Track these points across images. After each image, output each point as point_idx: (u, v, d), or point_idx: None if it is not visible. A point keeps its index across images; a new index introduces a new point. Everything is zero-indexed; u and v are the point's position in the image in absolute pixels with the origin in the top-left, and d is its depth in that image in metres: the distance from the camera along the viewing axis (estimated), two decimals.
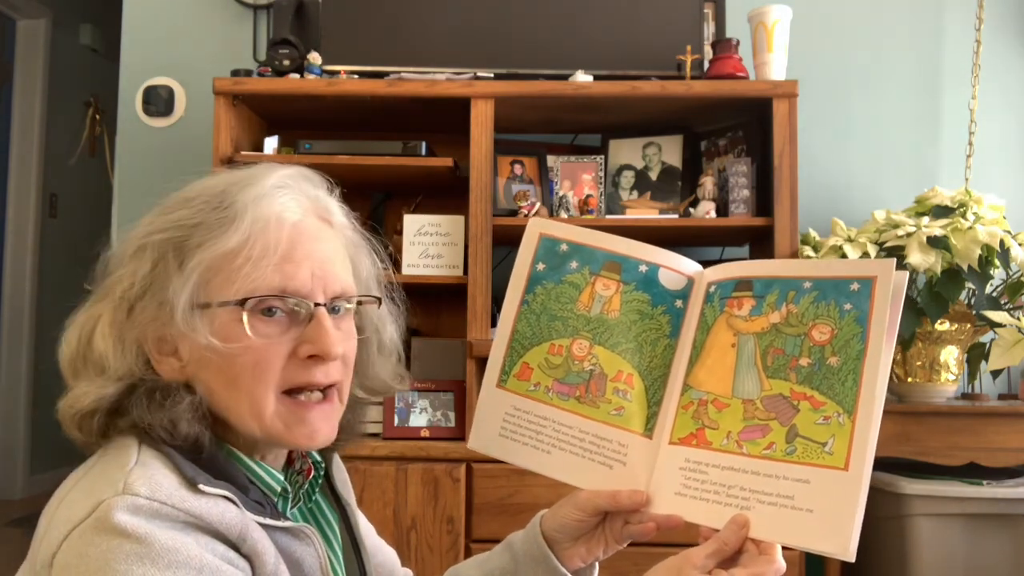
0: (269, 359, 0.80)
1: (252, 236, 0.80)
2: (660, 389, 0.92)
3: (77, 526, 0.71)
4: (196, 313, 0.79)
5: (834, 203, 2.59)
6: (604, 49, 2.37)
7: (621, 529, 0.94)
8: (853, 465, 0.79)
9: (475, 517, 2.10)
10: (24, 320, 4.41)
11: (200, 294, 0.79)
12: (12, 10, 4.35)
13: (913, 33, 2.68)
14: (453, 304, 2.36)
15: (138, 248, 0.82)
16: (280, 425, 0.81)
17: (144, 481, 0.72)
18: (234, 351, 0.79)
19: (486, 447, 0.97)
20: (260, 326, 0.79)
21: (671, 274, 0.95)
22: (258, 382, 0.80)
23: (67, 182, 4.72)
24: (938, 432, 2.09)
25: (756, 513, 0.81)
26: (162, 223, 0.83)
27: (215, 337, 0.78)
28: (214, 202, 0.82)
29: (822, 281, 0.86)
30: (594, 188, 2.37)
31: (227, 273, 0.79)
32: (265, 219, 0.81)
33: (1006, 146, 2.66)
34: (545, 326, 0.97)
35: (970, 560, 2.07)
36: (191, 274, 0.79)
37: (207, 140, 2.32)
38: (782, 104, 2.20)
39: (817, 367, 0.84)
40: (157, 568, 0.69)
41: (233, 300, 0.79)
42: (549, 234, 1.01)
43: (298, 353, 0.81)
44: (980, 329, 2.17)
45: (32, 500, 4.27)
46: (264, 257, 0.80)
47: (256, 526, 0.77)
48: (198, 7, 2.73)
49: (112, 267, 0.84)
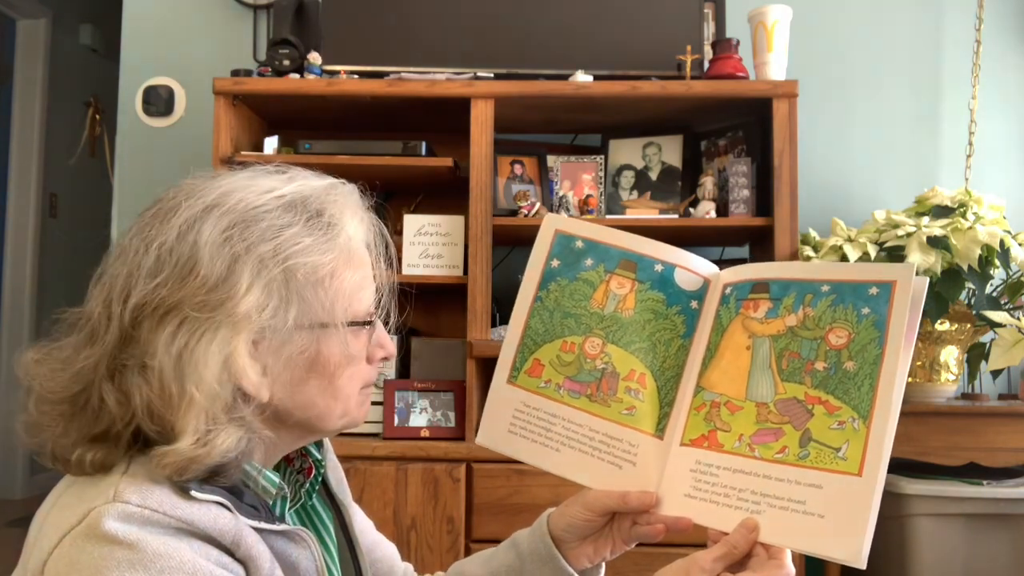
0: (362, 367, 0.86)
1: (359, 257, 0.85)
2: (673, 390, 0.92)
3: (67, 533, 0.70)
4: (334, 332, 0.82)
5: (834, 203, 2.59)
6: (604, 49, 2.37)
7: (629, 530, 0.93)
8: (867, 471, 0.78)
9: (475, 517, 2.10)
10: (24, 320, 4.41)
11: (346, 314, 0.83)
12: (12, 10, 4.35)
13: (913, 33, 2.68)
14: (453, 304, 2.36)
15: (254, 268, 0.76)
16: (356, 412, 0.87)
17: (135, 488, 0.72)
18: (344, 363, 0.83)
19: (495, 443, 0.97)
20: (365, 338, 0.86)
21: (687, 274, 0.94)
22: (354, 389, 0.86)
23: (67, 182, 4.72)
24: (938, 432, 2.09)
25: (766, 517, 0.81)
26: (263, 239, 0.78)
27: (356, 351, 0.84)
28: (318, 222, 0.82)
29: (840, 284, 0.85)
30: (594, 188, 2.37)
31: (350, 292, 0.83)
32: (358, 240, 0.86)
33: (1006, 146, 2.66)
34: (558, 323, 0.96)
35: (970, 560, 2.07)
36: (336, 298, 0.81)
37: (207, 140, 2.32)
38: (782, 104, 2.20)
39: (833, 371, 0.83)
40: (149, 574, 0.68)
41: (362, 320, 0.84)
42: (565, 230, 0.99)
43: (373, 356, 0.88)
44: (980, 329, 2.16)
45: (32, 500, 4.26)
46: (366, 276, 0.86)
47: (250, 531, 0.76)
48: (198, 7, 2.73)
49: (212, 285, 0.75)
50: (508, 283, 2.42)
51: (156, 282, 0.75)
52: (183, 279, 0.75)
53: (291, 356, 0.79)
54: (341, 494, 0.99)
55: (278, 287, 0.77)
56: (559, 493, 0.97)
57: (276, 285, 0.77)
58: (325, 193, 0.85)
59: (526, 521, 1.00)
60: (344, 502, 0.98)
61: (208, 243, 0.76)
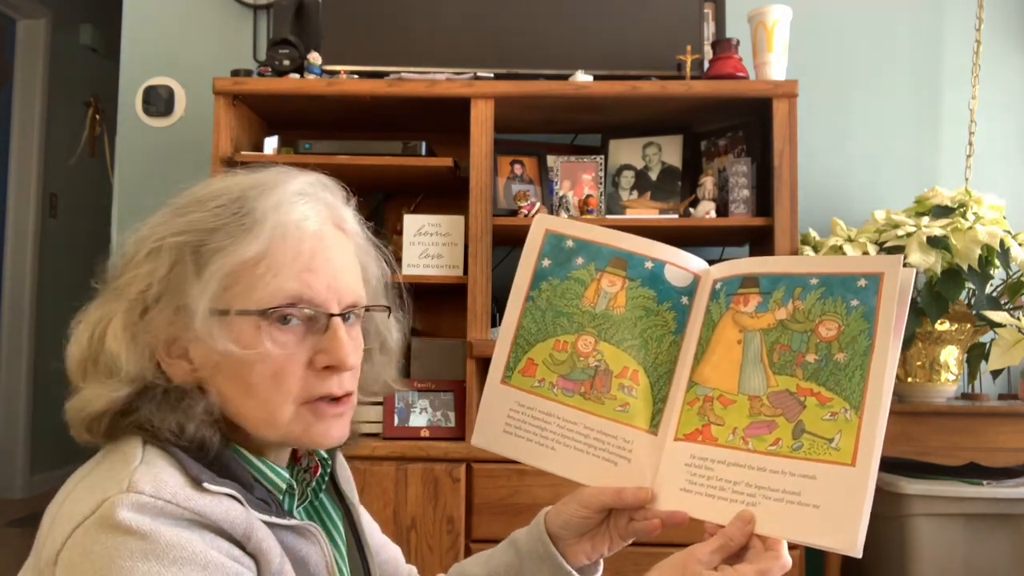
0: (287, 370, 0.80)
1: (272, 244, 0.80)
2: (665, 385, 0.92)
3: (81, 523, 0.71)
4: (214, 319, 0.78)
5: (834, 203, 2.59)
6: (604, 49, 2.37)
7: (626, 526, 0.93)
8: (860, 461, 0.79)
9: (475, 517, 2.10)
10: (24, 320, 4.41)
11: (219, 301, 0.79)
12: (12, 10, 4.35)
13: (913, 33, 2.68)
14: (453, 304, 2.36)
15: (152, 249, 0.81)
16: (297, 428, 0.82)
17: (148, 479, 0.72)
18: (251, 359, 0.79)
19: (490, 443, 0.97)
20: (277, 335, 0.79)
21: (677, 271, 0.95)
22: (275, 392, 0.80)
23: (67, 182, 4.72)
24: (938, 432, 2.09)
25: (762, 509, 0.81)
26: (178, 225, 0.81)
27: (234, 345, 0.78)
28: (233, 207, 0.81)
29: (829, 277, 0.86)
30: (594, 188, 2.37)
31: (247, 281, 0.79)
32: (284, 227, 0.81)
33: (1006, 146, 2.66)
34: (550, 322, 0.97)
35: (970, 560, 2.07)
36: (210, 280, 0.78)
37: (207, 140, 2.32)
38: (782, 104, 2.20)
39: (824, 363, 0.83)
40: (162, 564, 0.69)
41: (254, 309, 0.79)
42: (555, 230, 1.00)
43: (314, 363, 0.81)
44: (980, 329, 2.16)
45: (32, 500, 4.27)
46: (284, 266, 0.80)
47: (261, 524, 0.77)
48: (198, 7, 2.73)
49: (124, 267, 0.83)
50: (508, 283, 2.39)
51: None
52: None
53: (167, 334, 0.80)
54: (350, 492, 0.99)
55: (164, 262, 0.80)
56: (559, 493, 0.97)
57: (162, 261, 0.80)
58: (266, 183, 0.84)
59: (526, 521, 1.00)
60: (353, 502, 0.99)
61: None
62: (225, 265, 0.78)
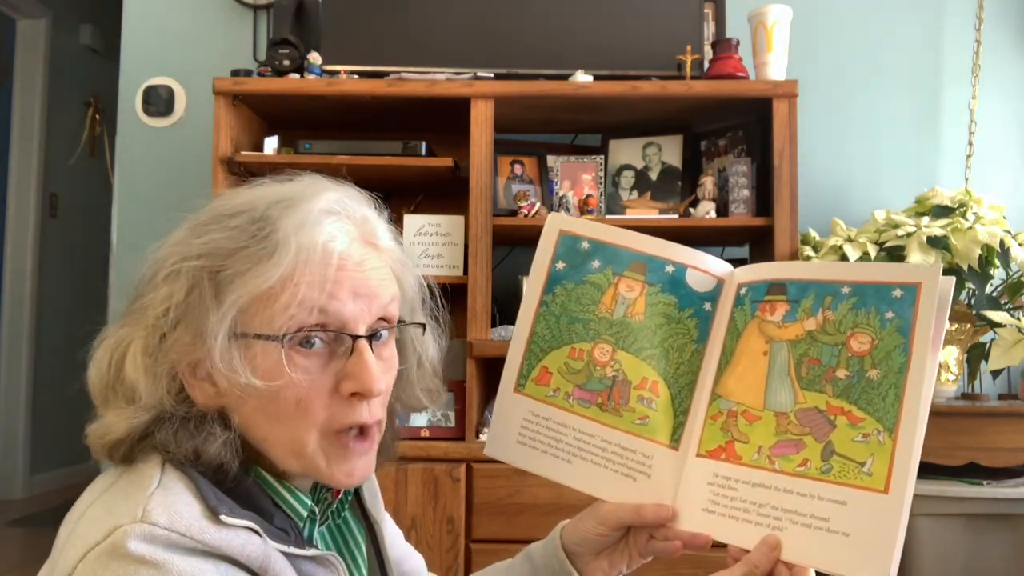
0: (311, 397, 0.76)
1: (296, 270, 0.75)
2: (687, 398, 0.87)
3: (92, 549, 0.69)
4: (234, 345, 0.75)
5: (834, 203, 2.59)
6: (604, 49, 2.37)
7: (646, 544, 0.90)
8: (894, 488, 0.74)
9: (475, 517, 2.09)
10: (24, 320, 4.41)
11: (238, 325, 0.75)
12: (12, 10, 4.36)
13: (913, 33, 2.68)
14: (453, 304, 2.35)
15: (171, 273, 0.78)
16: (321, 462, 0.78)
17: (164, 509, 0.70)
18: (274, 388, 0.75)
19: (503, 454, 0.93)
20: (300, 359, 0.76)
21: (699, 275, 0.90)
22: (300, 420, 0.76)
23: (67, 182, 4.72)
24: (938, 432, 2.09)
25: (788, 534, 0.77)
26: (196, 247, 0.78)
27: (254, 373, 0.75)
28: (252, 229, 0.77)
29: (862, 286, 0.80)
30: (594, 188, 2.37)
31: (268, 307, 0.75)
32: (309, 250, 0.76)
33: (1006, 146, 2.66)
34: (565, 328, 0.92)
35: (970, 560, 2.07)
36: (230, 309, 0.75)
37: (207, 140, 2.32)
38: (782, 104, 2.20)
39: (856, 380, 0.78)
40: None
41: (275, 335, 0.75)
42: (570, 231, 0.95)
43: (340, 390, 0.77)
44: (980, 329, 2.17)
45: (32, 500, 4.27)
46: (308, 292, 0.75)
47: (280, 556, 0.74)
48: (198, 7, 2.73)
49: (142, 288, 0.80)
50: (508, 283, 2.42)
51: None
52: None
53: (190, 358, 0.77)
54: (375, 509, 0.95)
55: (181, 287, 0.77)
56: (559, 494, 0.96)
57: (179, 285, 0.77)
58: (291, 199, 0.80)
59: (526, 521, 1.00)
60: (376, 518, 0.95)
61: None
62: (244, 295, 0.75)
